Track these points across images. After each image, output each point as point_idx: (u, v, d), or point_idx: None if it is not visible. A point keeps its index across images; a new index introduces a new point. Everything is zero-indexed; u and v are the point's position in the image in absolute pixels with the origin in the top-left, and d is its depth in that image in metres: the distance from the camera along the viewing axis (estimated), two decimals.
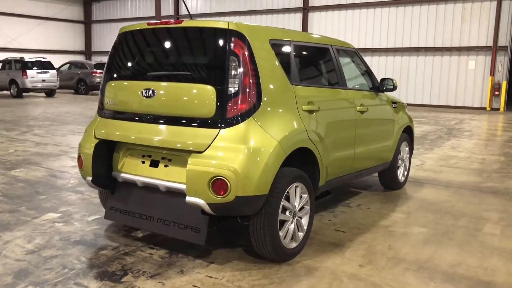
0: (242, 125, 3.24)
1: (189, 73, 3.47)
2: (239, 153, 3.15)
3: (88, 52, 32.51)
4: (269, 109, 3.39)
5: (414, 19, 19.99)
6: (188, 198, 3.20)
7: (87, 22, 32.37)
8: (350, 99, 4.49)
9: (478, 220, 4.61)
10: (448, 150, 8.89)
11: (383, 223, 4.48)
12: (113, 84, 3.84)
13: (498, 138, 10.96)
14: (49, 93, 22.65)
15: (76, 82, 24.49)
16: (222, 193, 3.11)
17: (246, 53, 3.31)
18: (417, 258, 3.63)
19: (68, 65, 25.38)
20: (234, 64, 3.28)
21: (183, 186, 3.31)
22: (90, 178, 3.78)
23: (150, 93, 3.51)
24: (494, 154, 8.48)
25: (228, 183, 3.08)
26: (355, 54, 4.97)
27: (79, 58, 30.53)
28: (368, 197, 5.41)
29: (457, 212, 4.88)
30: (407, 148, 5.84)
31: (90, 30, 32.53)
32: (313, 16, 22.61)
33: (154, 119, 3.51)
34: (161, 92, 3.48)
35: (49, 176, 6.22)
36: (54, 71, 22.14)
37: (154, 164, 3.60)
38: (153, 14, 26.40)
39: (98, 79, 23.87)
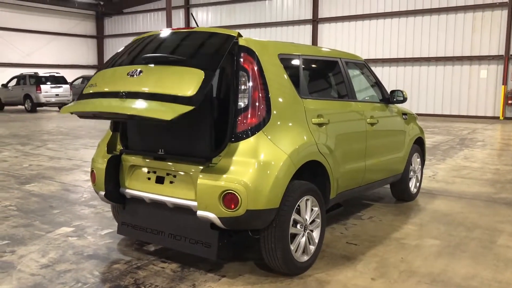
0: (252, 139, 3.27)
1: None
2: (249, 167, 3.18)
3: (100, 66, 32.92)
4: (278, 122, 3.41)
5: (424, 29, 19.98)
6: (199, 212, 3.23)
7: (100, 37, 32.88)
8: (359, 111, 4.50)
9: (492, 232, 4.56)
10: (460, 160, 8.81)
11: (395, 236, 4.45)
12: (100, 72, 3.77)
13: None
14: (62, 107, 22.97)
15: None
16: (233, 207, 3.13)
17: (256, 68, 3.35)
18: (430, 271, 3.60)
19: (81, 79, 25.75)
20: (243, 79, 3.32)
21: (190, 203, 3.34)
22: (102, 193, 3.83)
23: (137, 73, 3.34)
24: (508, 164, 8.39)
25: (239, 197, 3.10)
26: (364, 66, 4.99)
27: (92, 72, 30.91)
28: (380, 209, 5.38)
29: (470, 223, 4.83)
30: (418, 160, 5.81)
31: (103, 45, 33.02)
32: (322, 28, 22.71)
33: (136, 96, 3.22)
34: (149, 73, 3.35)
35: (62, 190, 6.30)
36: (67, 86, 22.50)
37: (160, 180, 3.61)
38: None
39: None
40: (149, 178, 3.68)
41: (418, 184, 5.85)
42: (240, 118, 3.29)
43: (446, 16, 19.43)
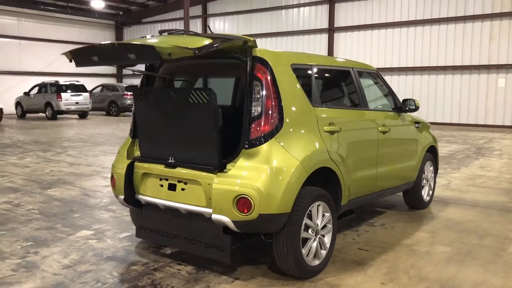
0: (265, 146, 3.40)
1: None
2: (262, 172, 3.30)
3: (119, 75, 33.54)
4: (291, 130, 3.54)
5: (441, 37, 19.91)
6: (214, 216, 3.36)
7: None
8: (371, 119, 4.59)
9: (503, 240, 4.59)
10: (476, 169, 8.79)
11: (406, 242, 4.51)
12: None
13: None
14: (82, 115, 23.45)
15: (108, 104, 25.27)
16: (246, 211, 3.25)
17: (269, 78, 3.48)
18: (439, 277, 3.66)
19: (100, 87, 26.26)
20: (257, 88, 3.46)
21: (202, 209, 3.48)
22: (122, 197, 3.99)
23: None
24: None
25: (251, 201, 3.23)
26: (377, 76, 5.09)
27: (111, 81, 31.50)
28: (392, 217, 5.44)
29: (482, 231, 4.86)
30: (431, 168, 5.86)
31: None
32: (338, 37, 22.81)
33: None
34: None
35: (82, 195, 6.50)
36: (87, 94, 22.96)
37: (172, 187, 3.72)
38: None
39: (129, 101, 24.57)
40: (161, 185, 3.79)
41: (431, 192, 5.89)
42: (253, 125, 3.42)
43: (463, 25, 19.35)
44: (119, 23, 33.01)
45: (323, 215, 3.73)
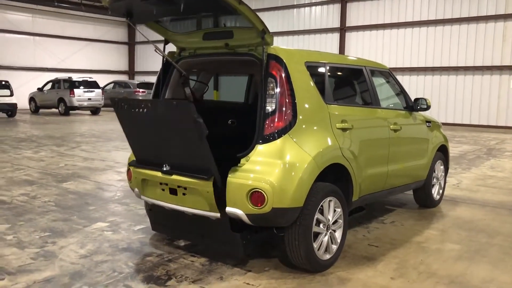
0: (278, 142, 3.48)
1: None
2: (275, 167, 3.39)
3: (131, 72, 33.79)
4: (304, 126, 3.61)
5: (453, 38, 19.82)
6: (228, 209, 3.44)
7: (131, 43, 33.73)
8: (383, 118, 4.65)
9: None
10: (486, 170, 8.79)
11: (416, 239, 4.57)
12: None
13: None
14: (94, 111, 23.70)
15: None
16: (259, 204, 3.33)
17: (283, 75, 3.56)
18: (448, 273, 3.72)
19: (112, 84, 26.52)
20: (271, 85, 3.54)
21: (205, 213, 3.53)
22: (138, 190, 4.09)
23: None
24: None
25: (265, 195, 3.31)
26: (389, 75, 5.14)
27: (123, 78, 31.75)
28: (402, 214, 5.49)
29: (492, 230, 4.90)
30: (442, 167, 5.90)
31: (134, 51, 33.86)
32: (350, 36, 22.78)
33: None
34: None
35: (97, 189, 6.63)
36: (100, 90, 23.21)
37: (173, 192, 3.69)
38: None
39: (140, 98, 24.79)
40: (163, 189, 3.77)
41: (441, 191, 5.93)
42: (267, 121, 3.50)
43: (476, 25, 19.24)
44: None
45: (334, 210, 3.80)
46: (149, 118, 3.59)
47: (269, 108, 3.52)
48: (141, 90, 24.96)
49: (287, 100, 3.54)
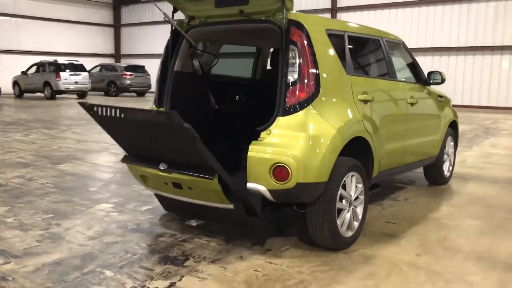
0: (300, 113, 3.28)
1: None
2: (299, 140, 3.20)
3: (117, 55, 33.12)
4: (327, 97, 3.42)
5: (445, 18, 19.71)
6: (249, 185, 3.25)
7: (117, 26, 32.99)
8: (400, 90, 4.48)
9: None
10: (488, 148, 8.74)
11: (433, 216, 4.44)
12: None
13: None
14: (81, 94, 23.18)
15: (107, 84, 24.98)
16: (283, 179, 3.14)
17: (305, 42, 3.35)
18: (474, 249, 3.60)
19: (99, 67, 25.93)
20: (293, 53, 3.32)
21: (218, 205, 3.29)
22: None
23: None
24: None
25: (289, 169, 3.12)
26: (403, 47, 4.96)
27: (109, 61, 31.08)
28: (414, 192, 5.37)
29: (509, 206, 4.80)
30: (452, 143, 5.78)
31: (119, 34, 33.14)
32: (341, 17, 22.52)
33: None
34: None
35: (95, 170, 6.39)
36: (86, 73, 22.68)
37: (178, 186, 3.38)
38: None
39: (128, 81, 24.31)
40: (166, 183, 3.45)
41: (451, 168, 5.82)
42: (289, 92, 3.30)
43: (468, 5, 19.14)
44: (116, 2, 32.48)
45: (356, 186, 3.64)
46: (131, 125, 3.18)
47: (291, 78, 3.31)
48: (128, 73, 24.47)
49: (310, 70, 3.33)
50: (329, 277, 3.07)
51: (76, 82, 22.21)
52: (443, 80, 4.99)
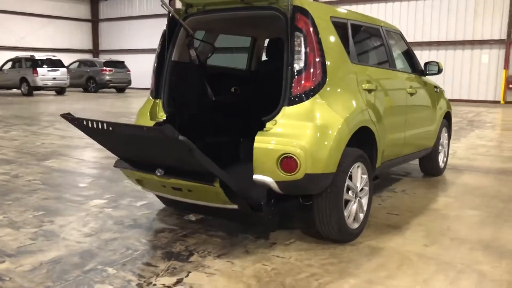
0: (307, 103, 3.19)
1: None
2: (306, 130, 3.11)
3: (96, 50, 32.50)
4: (333, 87, 3.33)
5: (426, 13, 19.92)
6: (256, 176, 3.14)
7: (95, 21, 32.36)
8: (400, 80, 4.44)
9: None
10: (475, 139, 8.82)
11: (433, 207, 4.42)
12: None
13: None
14: (60, 91, 22.64)
15: (86, 80, 24.46)
16: (291, 171, 3.05)
17: (311, 29, 3.25)
18: (479, 239, 3.58)
19: (77, 63, 25.36)
20: (298, 40, 3.23)
21: (220, 205, 3.14)
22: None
23: None
24: None
25: (297, 160, 3.03)
26: (401, 37, 4.92)
27: (87, 56, 30.48)
28: (410, 183, 5.35)
29: (505, 196, 4.81)
30: (446, 134, 5.79)
31: (98, 29, 32.52)
32: None
33: None
34: None
35: (83, 167, 6.19)
36: (65, 69, 22.13)
37: (177, 189, 3.18)
38: (163, 11, 26.33)
39: (108, 77, 23.85)
40: (164, 186, 3.23)
41: (445, 159, 5.83)
42: (295, 81, 3.20)
43: (448, 0, 19.37)
44: None
45: (361, 177, 3.57)
46: (121, 137, 3.01)
47: (297, 66, 3.21)
48: (108, 68, 24.00)
49: (316, 58, 3.24)
50: (340, 269, 3.00)
51: (54, 78, 21.65)
52: (440, 70, 4.96)
